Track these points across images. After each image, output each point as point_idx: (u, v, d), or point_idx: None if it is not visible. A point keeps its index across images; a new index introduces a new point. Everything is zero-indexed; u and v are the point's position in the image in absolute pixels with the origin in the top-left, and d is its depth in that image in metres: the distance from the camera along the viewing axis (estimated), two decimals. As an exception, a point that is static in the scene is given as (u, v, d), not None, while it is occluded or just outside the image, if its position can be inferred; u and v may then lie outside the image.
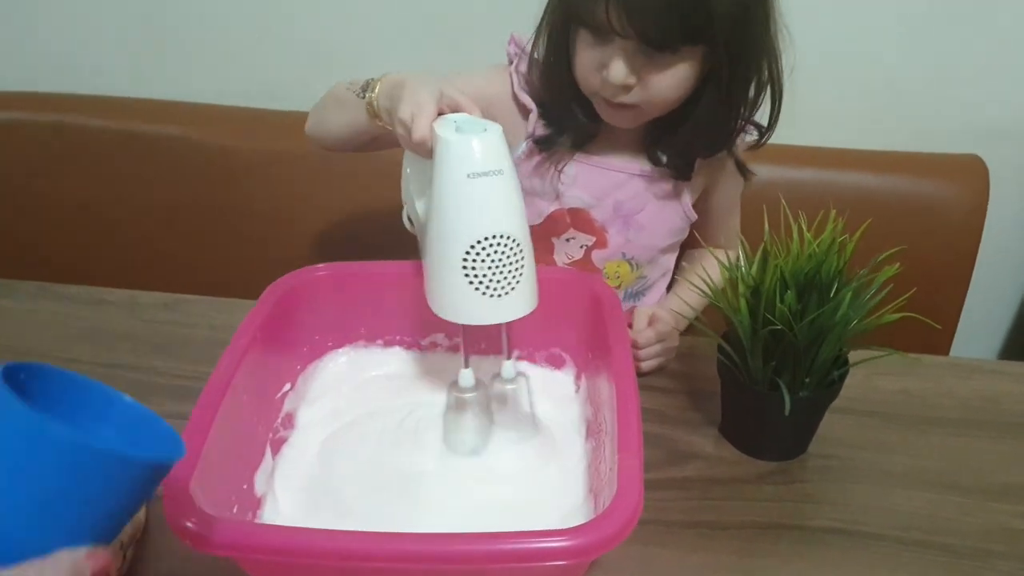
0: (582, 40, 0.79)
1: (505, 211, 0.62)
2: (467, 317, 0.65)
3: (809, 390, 0.72)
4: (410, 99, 0.65)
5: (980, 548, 0.67)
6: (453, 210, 0.62)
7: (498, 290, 0.63)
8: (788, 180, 1.12)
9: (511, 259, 0.62)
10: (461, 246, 0.61)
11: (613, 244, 0.92)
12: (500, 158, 0.62)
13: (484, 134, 0.61)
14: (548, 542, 0.50)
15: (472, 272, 0.62)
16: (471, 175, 0.61)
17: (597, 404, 0.71)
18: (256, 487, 0.66)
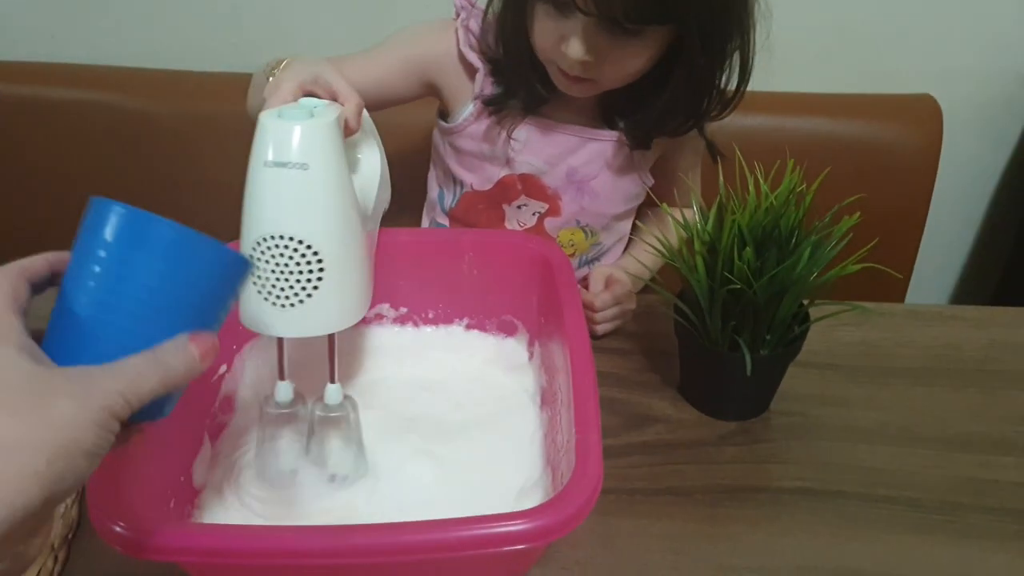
0: (541, 10, 0.74)
1: (299, 210, 0.54)
2: (252, 323, 0.57)
3: (770, 348, 0.70)
4: (277, 78, 0.63)
5: (947, 501, 0.67)
6: (247, 201, 0.55)
7: (281, 299, 0.55)
8: (739, 127, 1.07)
9: (301, 266, 0.54)
10: (248, 243, 0.55)
11: (567, 212, 0.89)
12: (312, 151, 0.54)
13: (302, 122, 0.54)
14: (504, 526, 0.47)
15: (256, 273, 0.55)
16: (267, 163, 0.54)
17: (552, 371, 0.68)
18: (194, 478, 0.62)
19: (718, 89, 0.79)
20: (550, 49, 0.75)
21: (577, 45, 0.72)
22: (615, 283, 0.84)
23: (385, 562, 0.49)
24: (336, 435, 0.63)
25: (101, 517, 0.48)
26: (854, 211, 0.67)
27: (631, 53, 0.73)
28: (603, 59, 0.73)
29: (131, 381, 0.38)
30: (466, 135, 0.86)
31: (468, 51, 0.82)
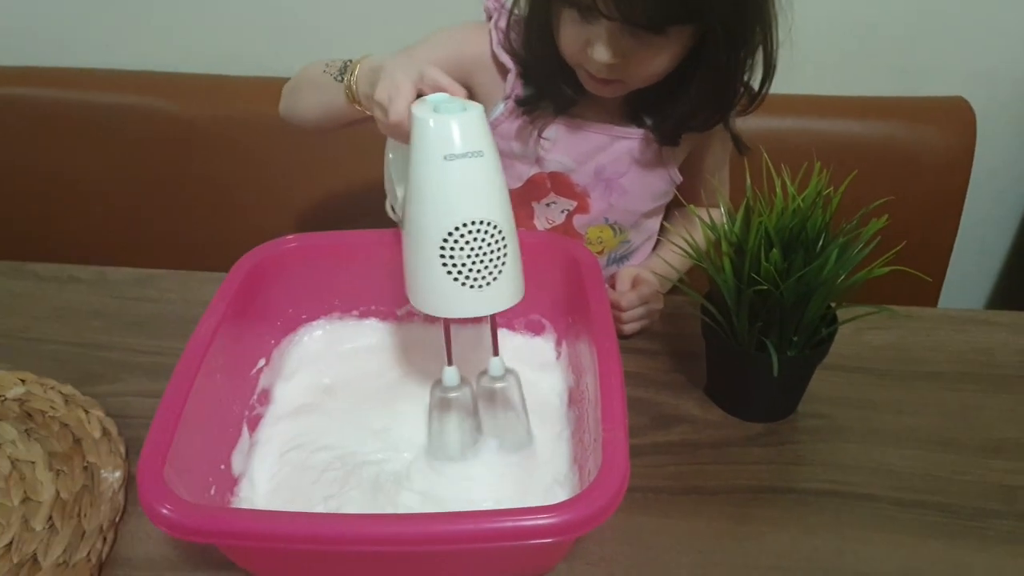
0: (566, 16, 0.75)
1: (486, 195, 0.58)
2: (447, 310, 0.60)
3: (797, 349, 0.70)
4: (388, 81, 0.63)
5: (977, 507, 0.66)
6: (430, 194, 0.58)
7: (479, 280, 0.58)
8: (769, 130, 1.08)
9: (492, 247, 0.58)
10: (439, 233, 0.57)
11: (595, 209, 0.90)
12: (480, 138, 0.57)
13: (463, 114, 0.57)
14: (533, 520, 0.48)
15: (451, 261, 0.58)
16: (448, 156, 0.56)
17: (579, 371, 0.69)
18: (233, 467, 0.65)
19: (743, 83, 0.79)
20: (577, 53, 0.76)
21: (603, 49, 0.73)
22: (642, 283, 0.85)
23: (415, 551, 0.51)
24: (502, 408, 0.67)
25: (150, 501, 0.50)
26: (882, 214, 0.67)
27: (656, 53, 0.74)
28: (629, 60, 0.74)
29: None
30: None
31: (500, 51, 0.83)
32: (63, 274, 0.94)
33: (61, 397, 0.73)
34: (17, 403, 0.73)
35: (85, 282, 0.93)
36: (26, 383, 0.75)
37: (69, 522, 0.62)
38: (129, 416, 0.73)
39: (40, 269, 0.95)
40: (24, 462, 0.66)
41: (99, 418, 0.71)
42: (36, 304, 0.89)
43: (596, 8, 0.70)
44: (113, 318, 0.87)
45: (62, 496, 0.64)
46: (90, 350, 0.82)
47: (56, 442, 0.68)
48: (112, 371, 0.79)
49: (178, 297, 0.90)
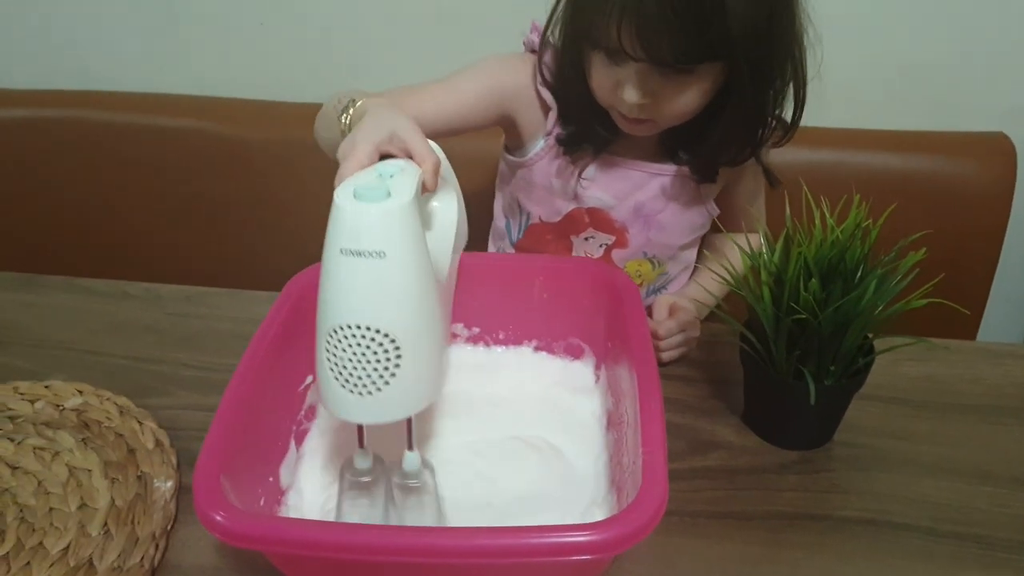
0: (596, 59, 0.77)
1: (376, 300, 0.53)
2: (331, 407, 0.56)
3: (834, 379, 0.71)
4: (349, 138, 0.61)
5: (1015, 540, 0.66)
6: (322, 286, 0.54)
7: (359, 388, 0.54)
8: (809, 163, 1.10)
9: (378, 355, 0.53)
10: (324, 328, 0.54)
11: (634, 244, 0.91)
12: (388, 238, 0.52)
13: (375, 205, 0.52)
14: (573, 536, 0.50)
15: (333, 359, 0.54)
16: (344, 251, 0.52)
17: (618, 395, 0.71)
18: (281, 479, 0.67)
19: (773, 117, 0.81)
20: (608, 95, 0.78)
21: (632, 90, 0.74)
22: (679, 310, 0.86)
23: (456, 563, 0.52)
24: (415, 502, 0.62)
25: (204, 508, 0.52)
26: (920, 246, 0.68)
27: (684, 91, 0.75)
28: (659, 100, 0.75)
29: None
30: (536, 170, 0.89)
31: (543, 88, 0.85)
32: (116, 290, 0.97)
33: (116, 408, 0.76)
34: (75, 413, 0.76)
35: (137, 298, 0.96)
36: (83, 394, 0.78)
37: (123, 529, 0.64)
38: (180, 428, 0.75)
39: (93, 284, 0.98)
40: (81, 470, 0.69)
41: (152, 429, 0.74)
42: (92, 318, 0.92)
43: (623, 50, 0.71)
44: (165, 334, 0.90)
45: (117, 503, 0.66)
46: (143, 364, 0.85)
47: (111, 451, 0.71)
48: (164, 384, 0.82)
49: (227, 315, 0.93)
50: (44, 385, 0.79)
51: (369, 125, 0.62)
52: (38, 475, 0.68)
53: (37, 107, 1.26)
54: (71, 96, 1.27)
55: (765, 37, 0.72)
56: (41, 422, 0.74)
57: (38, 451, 0.70)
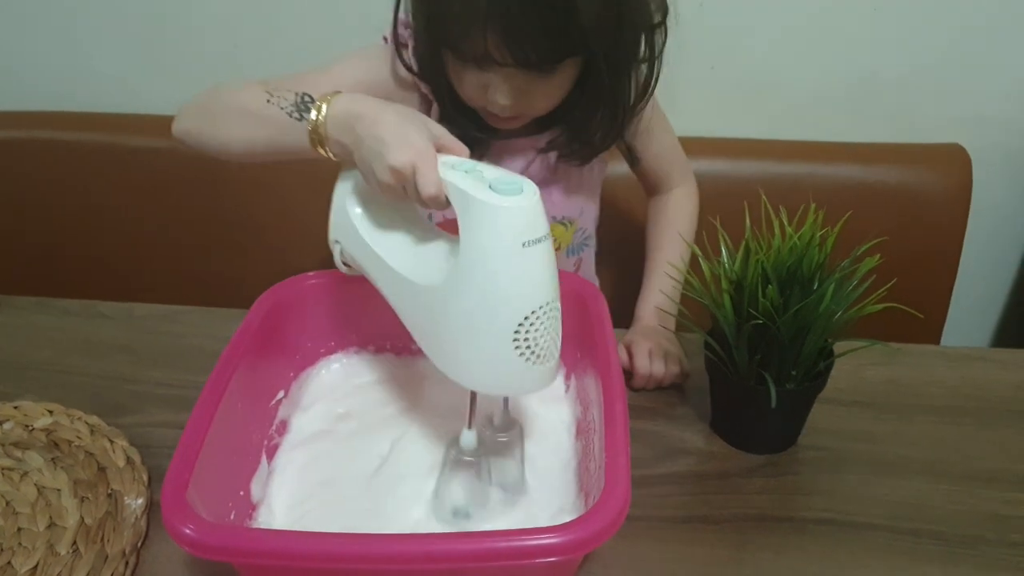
0: (459, 66, 0.76)
1: (554, 275, 0.58)
2: (515, 388, 0.62)
3: (796, 382, 0.73)
4: (404, 144, 0.58)
5: (970, 535, 0.68)
6: (506, 280, 0.56)
7: (547, 357, 0.59)
8: (769, 174, 1.12)
9: (558, 322, 0.59)
10: (515, 318, 0.57)
11: None
12: (545, 219, 0.57)
13: (527, 195, 0.56)
14: (538, 539, 0.51)
15: (524, 343, 0.57)
16: (527, 243, 0.55)
17: (586, 403, 0.72)
18: (252, 493, 0.67)
19: (632, 97, 0.82)
20: (476, 98, 0.78)
21: (502, 95, 0.75)
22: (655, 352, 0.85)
23: (420, 569, 0.53)
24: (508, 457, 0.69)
25: (173, 521, 0.52)
26: (876, 253, 0.70)
27: (550, 86, 0.77)
28: (527, 98, 0.77)
29: None
30: None
31: (401, 69, 0.83)
32: (91, 310, 0.98)
33: (87, 427, 0.76)
34: (44, 433, 0.76)
35: (111, 318, 0.97)
36: (53, 414, 0.78)
37: (92, 547, 0.64)
38: (152, 446, 0.76)
39: (68, 305, 0.98)
40: (50, 489, 0.69)
41: (123, 447, 0.74)
42: (65, 338, 0.92)
43: (491, 57, 0.72)
44: (138, 352, 0.90)
45: (86, 522, 0.66)
46: (116, 383, 0.85)
47: (81, 470, 0.71)
48: (136, 403, 0.82)
49: (201, 332, 0.93)
50: (13, 406, 0.79)
51: (410, 126, 0.60)
52: (6, 496, 0.68)
53: (13, 128, 1.27)
54: (44, 117, 1.28)
55: (616, 27, 0.74)
56: (10, 443, 0.74)
57: (6, 471, 0.70)
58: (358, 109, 0.62)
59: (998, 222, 1.31)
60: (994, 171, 1.25)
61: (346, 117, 0.63)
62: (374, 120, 0.60)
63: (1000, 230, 1.33)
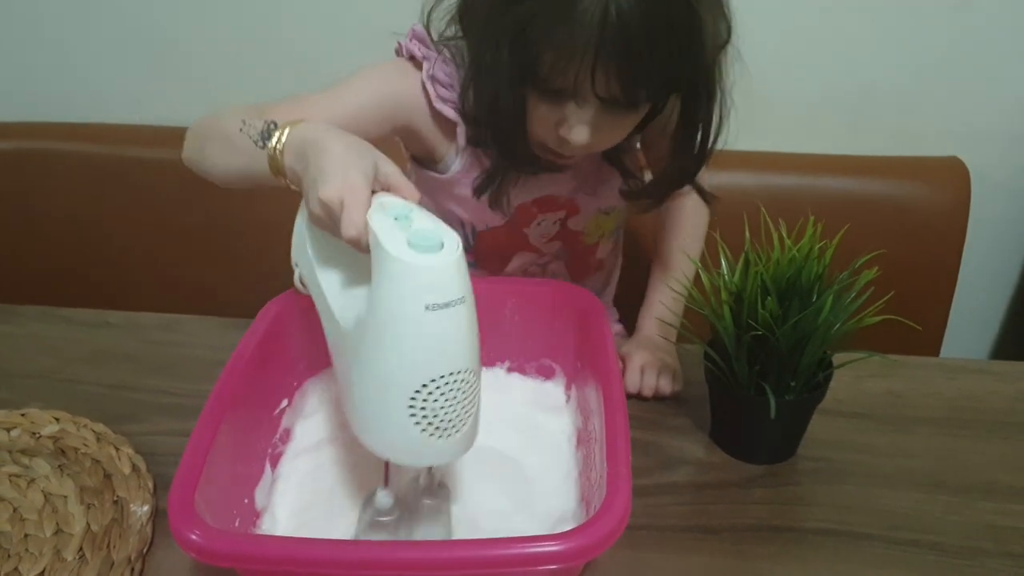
0: (537, 96, 0.72)
1: (465, 344, 0.53)
2: (417, 458, 0.57)
3: (795, 393, 0.73)
4: (338, 177, 0.55)
5: (968, 546, 0.69)
6: (405, 344, 0.52)
7: (448, 430, 0.54)
8: (769, 187, 1.13)
9: (466, 394, 0.54)
10: (411, 384, 0.52)
11: (586, 208, 0.91)
12: (464, 283, 0.52)
13: (444, 255, 0.51)
14: (538, 547, 0.51)
15: (421, 412, 0.53)
16: (431, 307, 0.51)
17: (587, 413, 0.73)
18: (256, 501, 0.68)
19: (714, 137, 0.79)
20: (544, 132, 0.74)
21: (581, 132, 0.71)
22: (647, 366, 0.85)
23: (426, 575, 0.54)
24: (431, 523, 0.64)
25: (180, 528, 0.53)
26: (874, 266, 0.71)
27: (631, 120, 0.75)
28: (601, 133, 0.73)
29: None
30: (464, 183, 0.85)
31: (442, 106, 0.79)
32: (96, 319, 0.98)
33: (93, 435, 0.77)
34: (51, 440, 0.76)
35: (116, 327, 0.97)
36: (60, 421, 0.79)
37: (98, 553, 0.65)
38: (157, 453, 0.76)
39: (73, 314, 0.99)
40: (57, 496, 0.70)
41: (129, 455, 0.75)
42: (70, 347, 0.93)
43: (589, 93, 0.68)
44: (142, 361, 0.91)
45: (92, 528, 0.67)
46: (120, 391, 0.86)
47: (88, 477, 0.72)
48: (141, 411, 0.83)
49: (204, 342, 0.94)
50: (20, 413, 0.79)
51: (351, 158, 0.57)
52: (13, 502, 0.69)
53: (16, 139, 1.28)
54: (51, 128, 1.29)
55: (711, 66, 0.73)
56: (17, 449, 0.74)
57: (13, 478, 0.71)
58: (312, 136, 0.60)
59: (997, 235, 1.32)
60: (993, 185, 1.25)
61: (300, 144, 0.61)
62: (322, 148, 0.58)
63: (999, 243, 1.34)
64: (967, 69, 1.20)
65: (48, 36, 1.30)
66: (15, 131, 1.29)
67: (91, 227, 1.30)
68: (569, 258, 0.98)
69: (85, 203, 1.28)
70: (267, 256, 1.26)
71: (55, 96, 1.34)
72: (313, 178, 0.57)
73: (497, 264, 0.96)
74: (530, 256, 0.95)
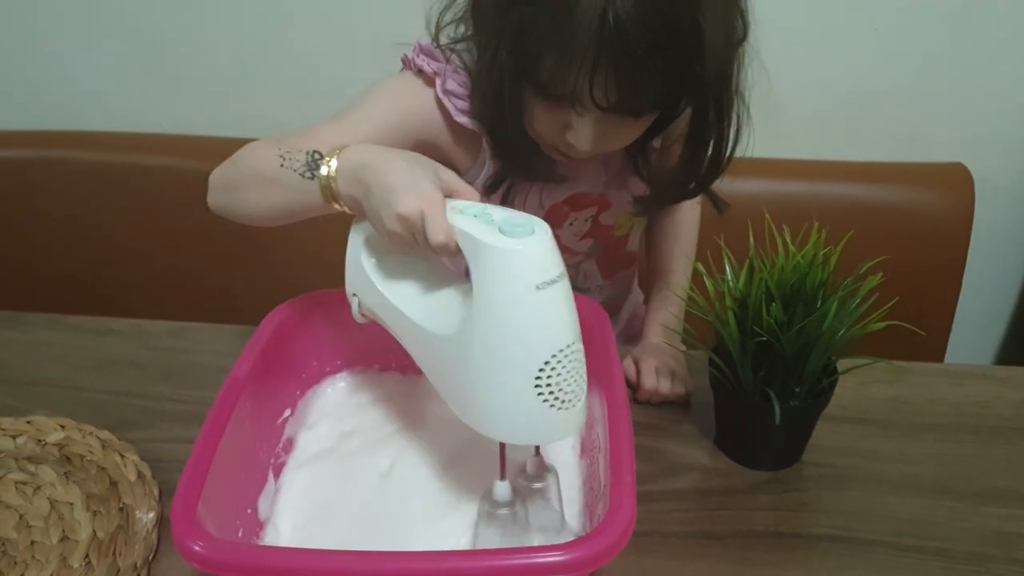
0: (540, 102, 0.72)
1: (573, 316, 0.56)
2: (541, 436, 0.60)
3: (799, 399, 0.73)
4: (411, 191, 0.56)
5: (974, 552, 0.68)
6: (522, 326, 0.55)
7: (572, 401, 0.57)
8: (773, 193, 1.13)
9: (581, 363, 0.57)
10: (535, 363, 0.55)
11: (617, 204, 0.91)
12: (560, 258, 0.56)
13: (539, 236, 0.55)
14: (543, 557, 0.51)
15: (547, 389, 0.55)
16: (541, 285, 0.54)
17: (590, 422, 0.72)
18: (260, 511, 0.68)
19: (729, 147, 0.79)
20: (550, 135, 0.75)
21: (584, 139, 0.71)
22: (662, 367, 0.86)
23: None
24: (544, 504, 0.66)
25: (182, 536, 0.53)
26: (878, 272, 0.71)
27: (638, 127, 0.75)
28: (607, 138, 0.73)
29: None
30: (494, 195, 0.86)
31: (462, 118, 0.79)
32: (102, 327, 0.99)
33: (99, 442, 0.77)
34: (57, 447, 0.77)
35: (122, 334, 0.98)
36: (65, 428, 0.79)
37: (104, 560, 0.65)
38: (162, 461, 0.76)
39: (79, 321, 1.00)
40: (63, 503, 0.70)
41: (134, 462, 0.75)
42: (75, 354, 0.93)
43: (590, 101, 0.67)
44: (148, 368, 0.91)
45: (98, 535, 0.67)
46: (126, 398, 0.86)
47: (94, 484, 0.72)
48: (146, 418, 0.83)
49: (209, 348, 0.94)
50: (26, 421, 0.80)
51: (416, 173, 0.58)
52: (19, 509, 0.69)
53: (21, 148, 1.29)
54: (57, 136, 1.30)
55: (726, 77, 0.72)
56: (23, 457, 0.75)
57: (20, 485, 0.71)
58: (366, 159, 0.61)
59: (1001, 241, 1.32)
60: (997, 190, 1.25)
61: (355, 169, 0.61)
62: (382, 169, 0.59)
63: (1003, 248, 1.33)
64: (971, 75, 1.20)
65: (51, 45, 1.31)
66: (19, 140, 1.29)
67: (96, 234, 1.30)
68: (601, 254, 0.97)
69: (89, 210, 1.29)
70: (273, 262, 1.27)
71: (59, 104, 1.35)
72: (383, 199, 0.57)
73: None
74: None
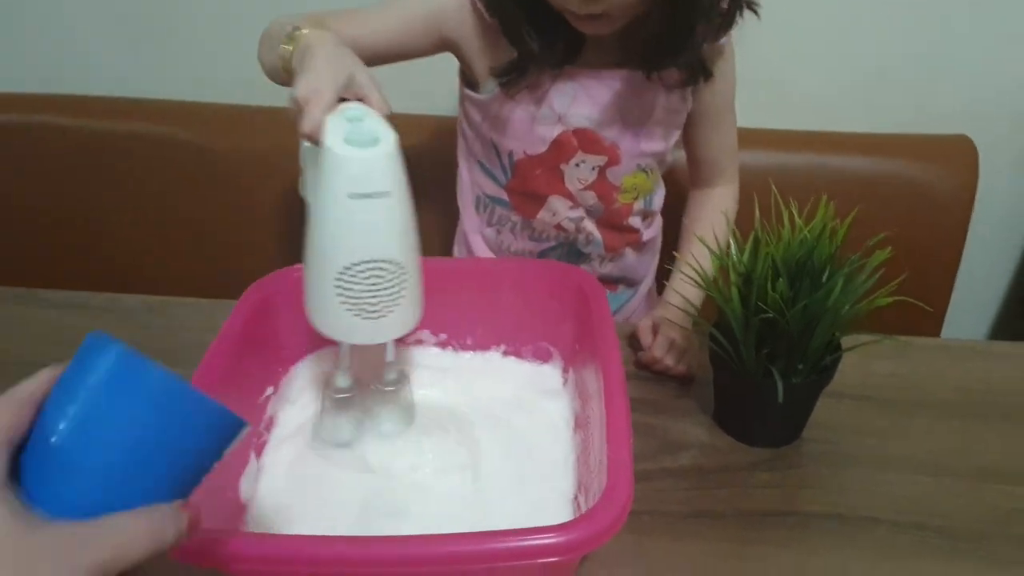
0: None
1: (386, 235, 0.59)
2: (341, 335, 0.63)
3: (802, 376, 0.71)
4: (310, 78, 0.60)
5: (975, 530, 0.67)
6: (331, 227, 0.58)
7: (373, 313, 0.60)
8: (778, 165, 1.11)
9: (389, 282, 0.59)
10: (334, 267, 0.58)
11: (627, 158, 0.90)
12: (388, 177, 0.57)
13: (374, 148, 0.56)
14: (538, 539, 0.49)
15: (346, 294, 0.59)
16: (353, 195, 0.56)
17: (585, 397, 0.70)
18: (241, 492, 0.65)
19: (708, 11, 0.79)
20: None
21: None
22: (660, 325, 0.84)
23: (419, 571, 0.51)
24: (391, 404, 0.71)
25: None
26: (885, 246, 0.69)
27: None
28: None
29: (121, 545, 0.37)
30: (507, 102, 0.87)
31: (486, 12, 0.82)
32: (73, 301, 0.95)
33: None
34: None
35: (98, 308, 0.94)
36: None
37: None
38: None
39: (49, 296, 0.95)
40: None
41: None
42: (50, 330, 0.90)
43: None
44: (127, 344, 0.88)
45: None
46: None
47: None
48: (123, 396, 0.80)
49: (187, 325, 0.91)
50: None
51: (326, 67, 0.61)
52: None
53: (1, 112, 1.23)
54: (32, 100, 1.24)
55: None
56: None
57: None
58: (313, 44, 0.66)
59: (1003, 214, 1.31)
60: (1001, 163, 1.24)
61: (303, 49, 0.66)
62: (313, 55, 0.63)
63: (1004, 222, 1.33)
64: (977, 47, 1.19)
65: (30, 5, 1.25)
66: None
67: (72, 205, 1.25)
68: (602, 216, 0.95)
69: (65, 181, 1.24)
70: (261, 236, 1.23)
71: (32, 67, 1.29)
72: (297, 79, 0.61)
73: (531, 207, 0.94)
74: (564, 204, 0.93)
